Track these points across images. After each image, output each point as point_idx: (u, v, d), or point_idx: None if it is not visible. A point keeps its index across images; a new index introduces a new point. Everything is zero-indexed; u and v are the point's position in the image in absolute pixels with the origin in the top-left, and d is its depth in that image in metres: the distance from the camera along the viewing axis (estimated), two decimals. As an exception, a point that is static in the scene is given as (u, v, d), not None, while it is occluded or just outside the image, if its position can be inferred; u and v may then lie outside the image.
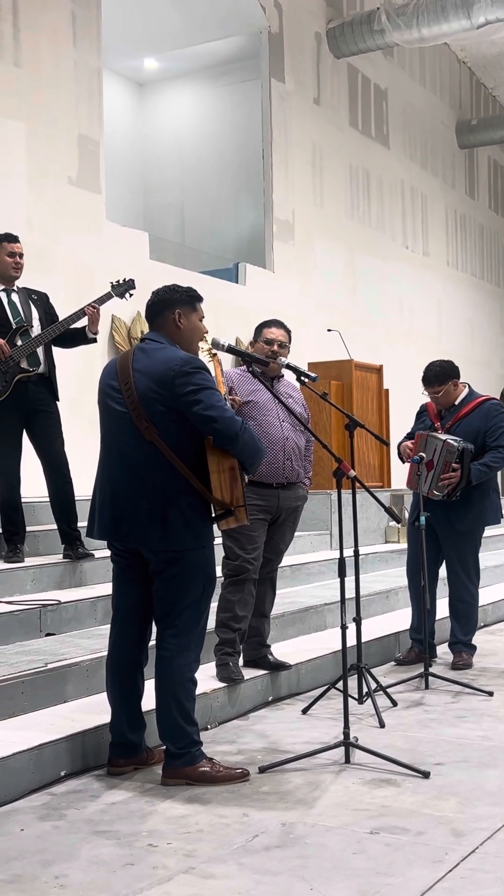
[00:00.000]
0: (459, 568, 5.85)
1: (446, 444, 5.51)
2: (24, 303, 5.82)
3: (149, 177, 13.43)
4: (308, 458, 5.15)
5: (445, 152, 16.01)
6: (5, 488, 5.74)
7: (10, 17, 8.19)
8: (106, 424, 3.91)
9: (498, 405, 5.82)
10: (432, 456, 5.52)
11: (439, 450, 5.51)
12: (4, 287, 5.81)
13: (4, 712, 4.13)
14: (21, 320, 5.74)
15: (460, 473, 5.53)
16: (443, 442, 5.52)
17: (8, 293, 5.81)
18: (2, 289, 5.80)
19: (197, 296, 3.99)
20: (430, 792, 3.72)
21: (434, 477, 5.52)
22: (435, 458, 5.52)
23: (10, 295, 5.81)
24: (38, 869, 3.04)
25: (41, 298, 5.95)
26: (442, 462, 5.50)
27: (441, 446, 5.51)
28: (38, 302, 5.90)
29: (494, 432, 5.71)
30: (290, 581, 6.90)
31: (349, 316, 12.75)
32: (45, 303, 5.96)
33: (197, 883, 2.93)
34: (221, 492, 3.74)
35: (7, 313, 5.73)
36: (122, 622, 3.96)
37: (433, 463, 5.52)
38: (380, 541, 8.86)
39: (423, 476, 5.55)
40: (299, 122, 12.10)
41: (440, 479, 5.52)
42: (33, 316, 5.81)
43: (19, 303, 5.80)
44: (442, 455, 5.50)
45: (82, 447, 6.08)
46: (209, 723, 4.60)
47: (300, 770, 3.96)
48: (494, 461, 5.66)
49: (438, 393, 5.76)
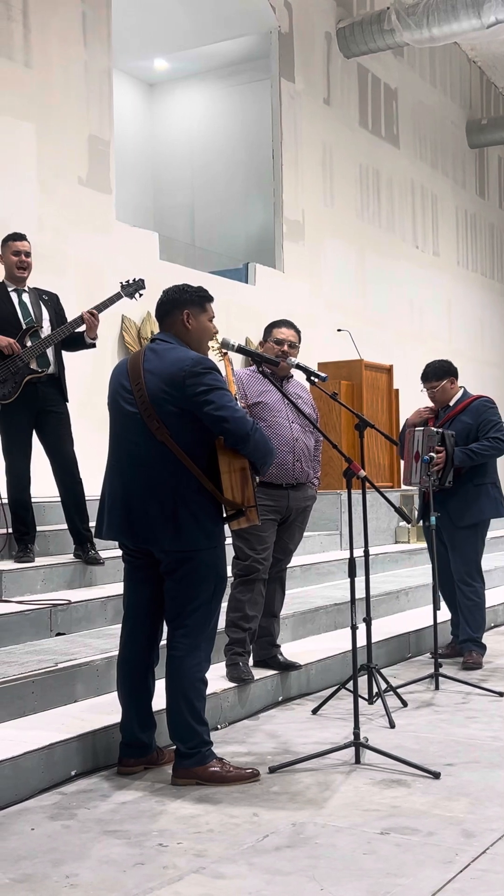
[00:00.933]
0: (461, 565, 5.88)
1: (425, 430, 5.68)
2: (34, 303, 5.82)
3: (159, 177, 13.44)
4: (317, 459, 5.15)
5: (456, 152, 15.99)
6: (15, 489, 5.75)
7: (21, 18, 8.21)
8: (117, 425, 3.91)
9: (487, 401, 5.97)
10: (417, 447, 5.66)
11: (421, 439, 5.67)
12: (15, 287, 5.82)
13: (15, 712, 4.14)
14: (31, 321, 5.75)
15: (444, 455, 5.64)
16: (422, 430, 5.68)
17: (19, 293, 5.81)
18: (12, 289, 5.81)
19: (207, 296, 3.99)
20: (440, 792, 3.72)
21: (422, 465, 5.61)
22: (420, 448, 5.65)
23: (21, 295, 5.82)
24: (48, 868, 3.04)
25: (52, 299, 5.95)
26: (426, 449, 5.63)
27: (422, 435, 5.68)
28: (48, 303, 5.90)
29: (486, 426, 5.85)
30: (301, 581, 6.90)
31: (359, 316, 12.74)
32: (55, 304, 5.96)
33: (207, 883, 2.93)
34: (232, 492, 3.74)
35: (17, 313, 5.74)
36: (132, 622, 3.97)
37: (419, 454, 5.62)
38: (390, 541, 8.85)
39: (413, 470, 5.70)
40: (309, 122, 12.09)
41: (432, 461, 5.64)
42: (44, 317, 5.81)
43: (30, 303, 5.80)
44: (424, 442, 5.64)
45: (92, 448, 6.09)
46: (219, 723, 4.60)
47: (310, 770, 3.96)
48: (480, 448, 5.78)
49: (435, 388, 5.94)
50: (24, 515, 5.80)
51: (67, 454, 5.83)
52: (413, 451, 5.68)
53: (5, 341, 5.57)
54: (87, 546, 5.86)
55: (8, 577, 5.37)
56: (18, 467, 5.75)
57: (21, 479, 5.76)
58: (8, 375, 5.59)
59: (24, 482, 5.78)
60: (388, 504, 4.45)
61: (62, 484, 5.82)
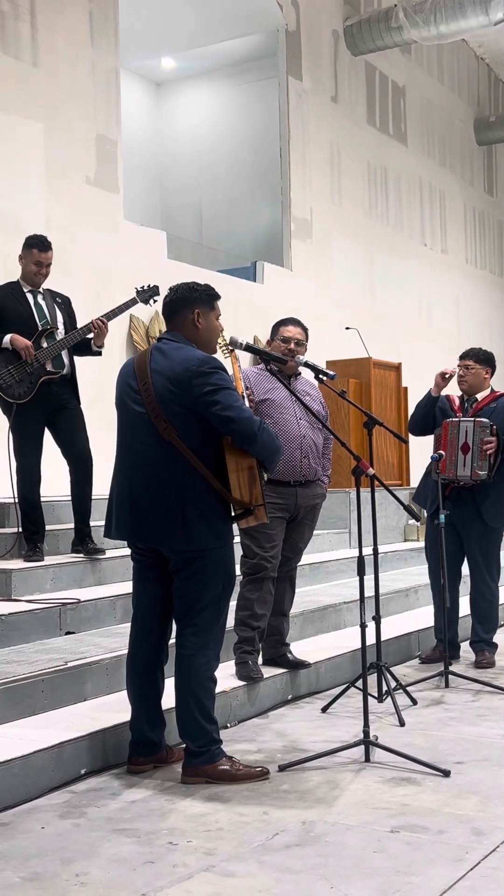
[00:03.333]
0: (483, 565, 5.81)
1: (478, 422, 5.56)
2: (49, 305, 5.88)
3: (166, 176, 13.44)
4: (327, 457, 5.14)
5: (464, 149, 15.96)
6: (26, 487, 5.77)
7: (28, 18, 8.22)
8: (124, 424, 3.91)
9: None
10: (466, 438, 5.54)
11: (471, 430, 5.55)
12: (31, 289, 5.87)
13: (25, 711, 4.15)
14: (47, 322, 5.80)
15: (497, 444, 5.54)
16: (473, 422, 5.57)
17: (34, 295, 5.87)
18: (28, 290, 5.86)
19: (215, 294, 3.99)
20: (450, 791, 3.71)
21: (473, 457, 5.52)
22: (469, 440, 5.54)
23: (37, 297, 5.87)
24: (58, 867, 3.04)
25: (65, 302, 6.02)
26: (477, 440, 5.53)
27: (472, 426, 5.56)
28: (61, 305, 5.97)
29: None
30: (310, 579, 6.89)
31: (367, 314, 12.73)
32: (68, 306, 6.02)
33: (217, 881, 2.93)
34: (240, 491, 3.74)
35: (34, 314, 5.79)
36: (142, 620, 3.97)
37: (468, 445, 5.53)
38: (399, 539, 8.84)
39: (459, 462, 5.55)
40: (317, 120, 12.08)
41: (481, 452, 5.52)
42: (58, 319, 5.86)
43: (45, 305, 5.87)
44: (476, 434, 5.54)
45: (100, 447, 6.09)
46: (229, 721, 4.60)
47: (320, 769, 3.96)
48: None
49: (470, 368, 5.79)
50: (32, 514, 5.81)
51: (83, 448, 5.85)
52: (460, 443, 5.53)
53: (23, 344, 5.61)
54: (87, 541, 5.89)
55: (17, 576, 5.38)
56: (30, 466, 5.77)
57: (32, 478, 5.78)
58: (24, 376, 5.63)
59: (34, 480, 5.79)
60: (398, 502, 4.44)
61: (75, 478, 5.84)
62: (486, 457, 5.54)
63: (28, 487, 5.77)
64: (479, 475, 5.54)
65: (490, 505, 5.70)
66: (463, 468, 5.55)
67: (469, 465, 5.53)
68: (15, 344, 5.61)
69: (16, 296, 5.80)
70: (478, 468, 5.53)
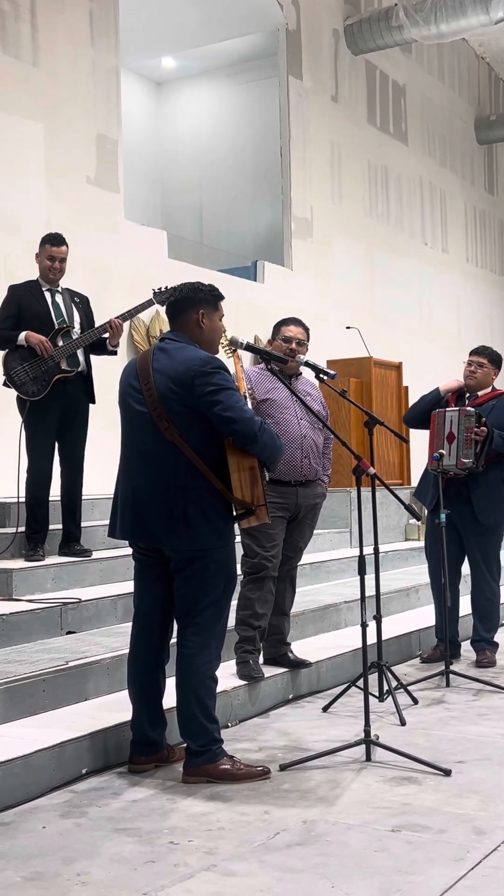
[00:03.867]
0: (483, 564, 5.81)
1: (462, 411, 5.53)
2: (67, 304, 5.93)
3: (167, 175, 13.45)
4: (327, 456, 5.14)
5: (464, 148, 15.96)
6: (36, 486, 5.78)
7: (29, 18, 8.22)
8: (127, 424, 3.91)
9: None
10: (451, 428, 5.51)
11: (457, 419, 5.52)
12: (49, 287, 5.90)
13: (26, 710, 4.15)
14: (63, 321, 5.84)
15: (487, 431, 5.50)
16: (458, 410, 5.54)
17: (52, 293, 5.91)
18: (46, 288, 5.90)
19: (219, 294, 3.99)
20: (451, 790, 3.71)
21: (458, 446, 5.49)
22: (454, 429, 5.51)
23: (55, 295, 5.91)
24: (59, 866, 3.05)
25: (83, 301, 6.06)
26: (463, 429, 5.50)
27: (457, 415, 5.53)
28: (79, 305, 6.01)
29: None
30: (310, 579, 6.89)
31: (368, 313, 12.73)
32: (85, 306, 6.07)
33: (218, 880, 2.93)
34: (242, 491, 3.74)
35: (51, 313, 5.83)
36: (143, 620, 3.97)
37: (454, 434, 5.49)
38: (399, 538, 8.84)
39: (447, 452, 5.51)
40: (317, 120, 12.08)
41: (466, 440, 5.48)
42: (75, 318, 5.89)
43: (62, 304, 5.90)
44: (461, 423, 5.51)
45: (101, 447, 6.10)
46: (230, 720, 4.60)
47: (321, 768, 3.96)
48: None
49: (484, 367, 5.78)
50: (39, 513, 5.81)
51: (79, 458, 5.92)
52: (446, 432, 5.49)
53: (38, 339, 5.64)
54: (73, 543, 5.90)
55: (18, 576, 5.38)
56: (41, 465, 5.79)
57: (42, 477, 5.80)
58: (38, 374, 5.65)
59: (45, 480, 5.82)
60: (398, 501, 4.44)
61: (66, 480, 5.89)
62: (471, 444, 5.48)
63: (38, 486, 5.79)
64: (465, 463, 5.47)
65: (482, 503, 5.68)
66: (448, 458, 5.51)
67: (454, 454, 5.49)
68: (30, 340, 5.65)
69: (34, 294, 5.86)
70: (462, 456, 5.48)
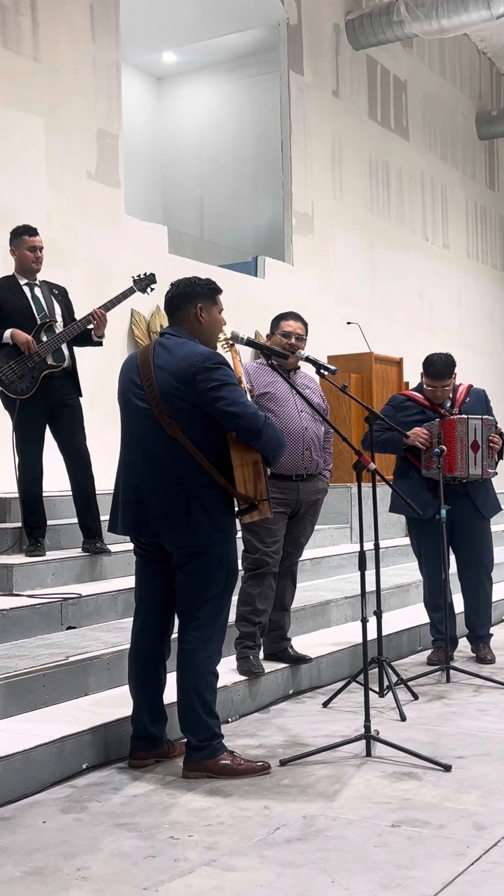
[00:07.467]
0: (478, 560, 5.81)
1: (485, 420, 5.55)
2: (46, 297, 5.83)
3: (167, 171, 13.43)
4: (328, 450, 5.13)
5: (465, 143, 15.93)
6: (28, 482, 5.77)
7: (29, 13, 8.21)
8: (127, 420, 3.91)
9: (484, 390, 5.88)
10: (475, 436, 5.52)
11: (479, 428, 5.53)
12: (27, 281, 5.82)
13: (26, 705, 4.16)
14: (45, 315, 5.76)
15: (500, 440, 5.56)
16: (480, 419, 5.55)
17: (31, 287, 5.81)
18: (25, 283, 5.81)
19: (217, 288, 3.98)
20: (451, 785, 3.71)
21: (483, 455, 5.52)
22: (478, 438, 5.52)
23: (34, 289, 5.82)
24: (60, 861, 3.05)
25: (61, 293, 5.97)
26: (486, 438, 5.53)
27: (481, 424, 5.54)
28: (58, 297, 5.92)
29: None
30: (311, 574, 6.89)
31: (369, 309, 12.72)
32: (64, 298, 5.97)
33: (218, 875, 2.93)
34: (245, 486, 3.74)
35: (32, 308, 5.75)
36: (144, 615, 3.97)
37: (478, 443, 5.52)
38: (400, 534, 8.82)
39: (470, 460, 5.51)
40: (318, 115, 12.06)
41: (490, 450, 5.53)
42: (56, 311, 5.83)
43: (42, 297, 5.82)
44: (485, 432, 5.53)
45: (102, 441, 6.09)
46: (230, 716, 4.61)
47: (321, 763, 3.97)
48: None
49: (448, 386, 5.65)
50: (35, 508, 5.81)
51: (80, 448, 5.84)
52: (470, 440, 5.49)
53: (24, 339, 5.58)
54: (95, 539, 5.87)
55: (19, 571, 5.38)
56: (32, 461, 5.76)
57: (34, 473, 5.78)
58: (25, 371, 5.61)
59: (36, 475, 5.79)
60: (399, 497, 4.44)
61: (74, 477, 5.83)
62: (494, 454, 5.57)
63: (31, 483, 5.77)
64: (490, 473, 5.56)
65: (483, 496, 5.73)
66: (474, 466, 5.54)
67: (480, 463, 5.53)
68: (16, 339, 5.59)
69: (13, 289, 5.76)
70: (488, 466, 5.55)
